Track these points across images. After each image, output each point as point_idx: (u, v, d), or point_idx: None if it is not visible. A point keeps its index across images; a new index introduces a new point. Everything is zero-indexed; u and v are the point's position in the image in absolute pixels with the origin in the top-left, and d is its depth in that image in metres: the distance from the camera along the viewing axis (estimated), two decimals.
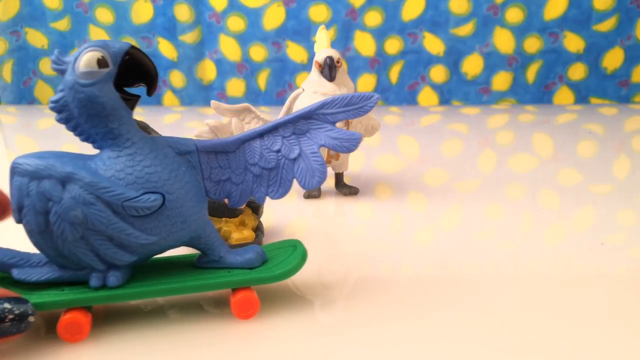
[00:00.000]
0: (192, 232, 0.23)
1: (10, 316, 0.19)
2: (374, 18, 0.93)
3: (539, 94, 0.95)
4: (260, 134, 0.24)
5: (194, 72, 0.96)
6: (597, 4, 0.91)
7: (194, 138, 0.24)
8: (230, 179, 0.24)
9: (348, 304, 0.25)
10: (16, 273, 0.22)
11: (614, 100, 0.95)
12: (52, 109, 0.21)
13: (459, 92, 0.96)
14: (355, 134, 0.24)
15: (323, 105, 0.24)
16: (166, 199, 0.21)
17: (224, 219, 0.31)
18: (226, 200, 0.25)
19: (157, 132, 0.36)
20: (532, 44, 0.93)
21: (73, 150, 0.22)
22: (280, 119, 0.24)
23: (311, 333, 0.23)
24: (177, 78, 0.96)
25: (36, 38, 0.94)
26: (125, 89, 0.22)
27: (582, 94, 0.95)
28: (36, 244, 0.21)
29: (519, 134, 0.74)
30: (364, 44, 0.94)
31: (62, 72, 0.21)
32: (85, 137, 0.22)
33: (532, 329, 0.23)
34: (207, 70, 0.96)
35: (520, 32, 0.93)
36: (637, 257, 0.31)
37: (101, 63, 0.20)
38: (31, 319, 0.20)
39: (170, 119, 0.86)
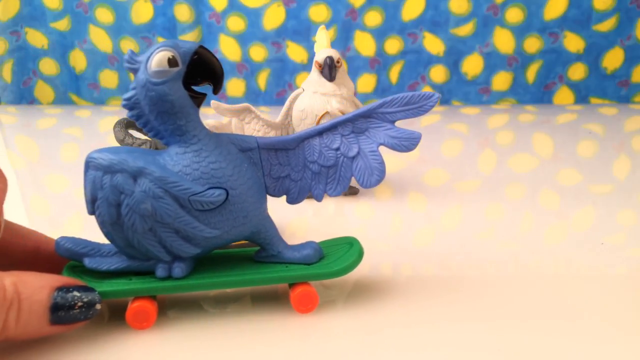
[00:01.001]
0: (252, 227, 0.24)
1: (80, 303, 0.21)
2: (374, 18, 0.93)
3: (539, 94, 0.95)
4: (320, 132, 0.25)
5: None
6: (597, 4, 0.91)
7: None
8: (290, 175, 0.25)
9: (348, 305, 0.25)
10: (88, 262, 0.23)
11: (614, 100, 0.95)
12: (124, 106, 0.22)
13: (459, 92, 0.96)
14: (415, 133, 0.24)
15: (382, 104, 0.24)
16: (229, 194, 0.22)
17: None
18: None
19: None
20: (532, 44, 0.93)
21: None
22: (339, 117, 0.25)
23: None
24: None
25: (36, 38, 0.94)
26: (193, 87, 0.22)
27: (582, 94, 0.95)
28: (107, 234, 0.22)
29: (519, 134, 0.74)
30: (364, 44, 0.94)
31: (134, 71, 0.22)
32: (155, 133, 0.22)
33: (531, 329, 0.22)
34: None
35: (520, 32, 0.93)
36: (637, 257, 0.31)
37: (171, 62, 0.21)
38: (98, 306, 0.21)
39: None
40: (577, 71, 0.94)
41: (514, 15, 0.92)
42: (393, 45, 0.95)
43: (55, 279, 0.21)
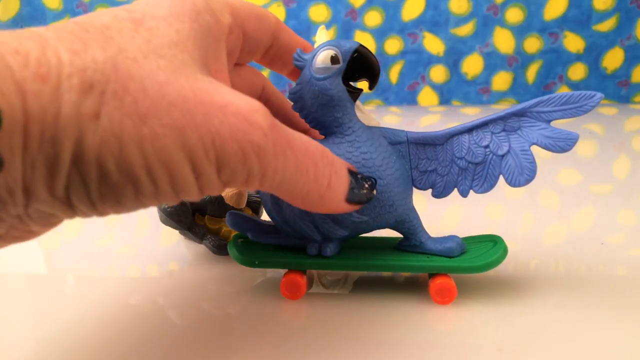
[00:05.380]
0: (397, 216, 0.25)
1: (366, 184, 0.22)
2: (374, 18, 0.93)
3: (539, 94, 0.95)
4: (469, 129, 0.25)
5: None
6: (597, 4, 0.91)
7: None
8: (436, 170, 0.25)
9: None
10: (251, 235, 0.26)
11: (614, 100, 0.95)
12: (290, 99, 0.24)
13: (459, 92, 0.96)
14: (572, 133, 0.24)
15: (538, 103, 0.24)
16: (378, 183, 0.23)
17: (224, 218, 0.31)
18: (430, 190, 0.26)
19: None
20: (532, 44, 0.93)
21: None
22: (490, 115, 0.25)
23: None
24: None
25: None
26: (350, 82, 0.24)
27: None
28: (269, 212, 0.25)
29: None
30: (363, 43, 0.94)
31: (301, 68, 0.24)
32: (314, 125, 0.24)
33: (530, 329, 0.22)
34: None
35: (520, 32, 0.93)
36: (637, 257, 0.31)
37: (334, 60, 0.23)
38: (374, 192, 0.22)
39: None
40: (577, 71, 0.94)
41: (514, 15, 0.92)
42: (393, 45, 0.95)
43: (345, 162, 0.22)
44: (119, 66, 0.14)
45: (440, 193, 0.26)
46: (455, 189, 0.26)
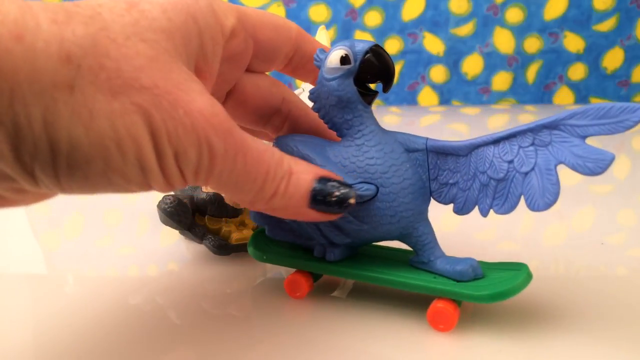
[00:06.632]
0: (401, 228, 0.23)
1: (337, 192, 0.21)
2: (374, 18, 0.93)
3: (539, 94, 0.95)
4: (495, 141, 0.22)
5: None
6: (597, 4, 0.91)
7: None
8: (458, 183, 0.23)
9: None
10: (267, 230, 0.26)
11: (614, 100, 0.95)
12: (309, 99, 0.24)
13: (459, 92, 0.96)
14: (606, 153, 0.20)
15: (573, 115, 0.21)
16: (379, 191, 0.22)
17: (224, 218, 0.31)
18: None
19: None
20: (532, 44, 0.93)
21: None
22: (519, 126, 0.22)
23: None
24: None
25: None
26: (366, 84, 0.23)
27: (582, 94, 0.95)
28: None
29: None
30: None
31: (319, 68, 0.23)
32: (330, 125, 0.24)
33: (530, 330, 0.22)
34: None
35: (520, 32, 0.93)
36: (637, 257, 0.31)
37: (344, 60, 0.22)
38: (352, 201, 0.21)
39: None
40: (577, 71, 0.94)
41: (514, 15, 0.92)
42: (393, 45, 0.95)
43: (320, 170, 0.22)
44: (97, 42, 0.15)
45: (460, 209, 0.23)
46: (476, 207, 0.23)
